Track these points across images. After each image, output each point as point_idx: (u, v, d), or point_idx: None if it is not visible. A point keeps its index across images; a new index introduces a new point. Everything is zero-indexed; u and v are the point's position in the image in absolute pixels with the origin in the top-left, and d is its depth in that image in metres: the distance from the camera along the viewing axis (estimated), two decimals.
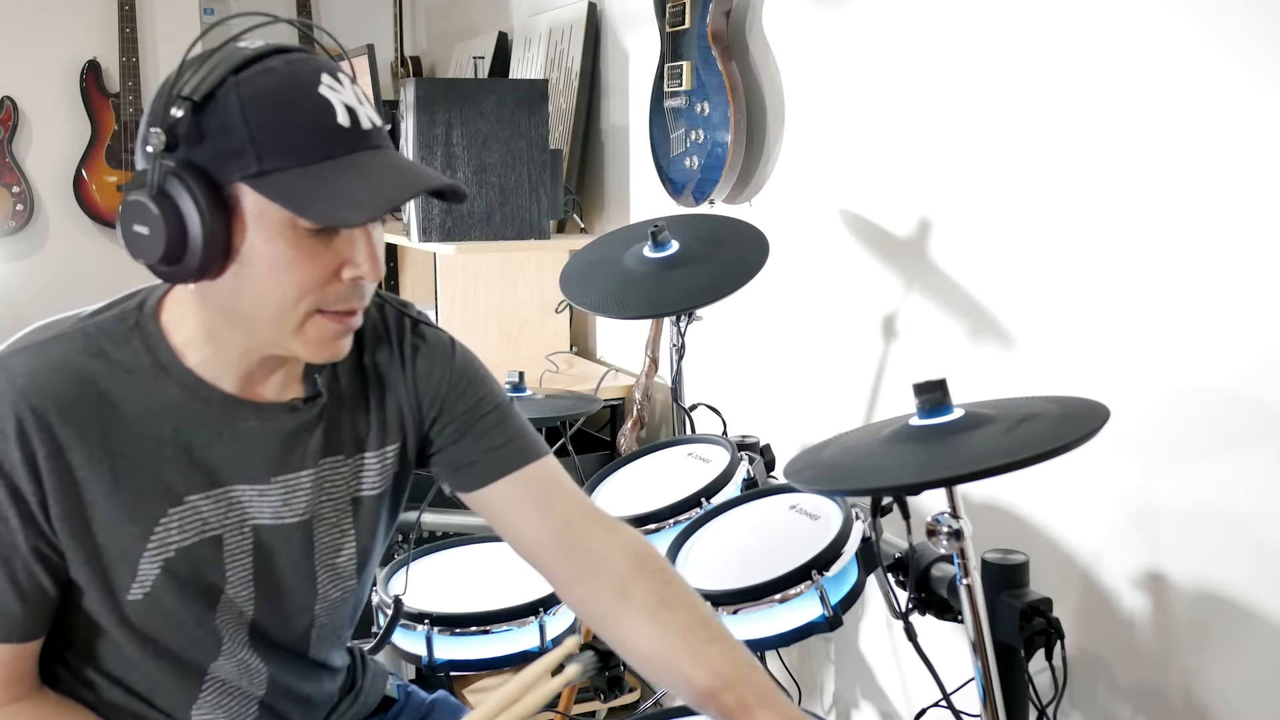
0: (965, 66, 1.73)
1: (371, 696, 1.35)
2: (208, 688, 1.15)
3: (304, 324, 1.02)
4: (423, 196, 1.05)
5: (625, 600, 1.15)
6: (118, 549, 1.06)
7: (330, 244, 1.00)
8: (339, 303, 1.03)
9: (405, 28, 4.38)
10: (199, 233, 0.96)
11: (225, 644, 1.14)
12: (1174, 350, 1.45)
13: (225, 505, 1.10)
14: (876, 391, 1.97)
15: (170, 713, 1.14)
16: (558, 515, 1.20)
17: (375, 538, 1.23)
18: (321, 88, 0.98)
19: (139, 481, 1.06)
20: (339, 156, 0.98)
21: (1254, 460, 1.37)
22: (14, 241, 4.09)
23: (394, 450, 1.20)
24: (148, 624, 1.09)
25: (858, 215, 1.98)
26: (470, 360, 1.24)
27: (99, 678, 1.13)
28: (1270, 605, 1.37)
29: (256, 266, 0.99)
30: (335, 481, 1.17)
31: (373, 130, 1.01)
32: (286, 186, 0.96)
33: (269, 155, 0.95)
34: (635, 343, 2.44)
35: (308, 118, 0.97)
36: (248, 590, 1.14)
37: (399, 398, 1.19)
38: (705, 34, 2.17)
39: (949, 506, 1.24)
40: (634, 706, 2.67)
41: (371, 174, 0.99)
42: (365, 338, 1.18)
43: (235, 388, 1.10)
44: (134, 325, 1.08)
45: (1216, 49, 1.36)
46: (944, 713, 1.44)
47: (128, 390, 1.06)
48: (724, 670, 1.09)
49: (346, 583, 1.21)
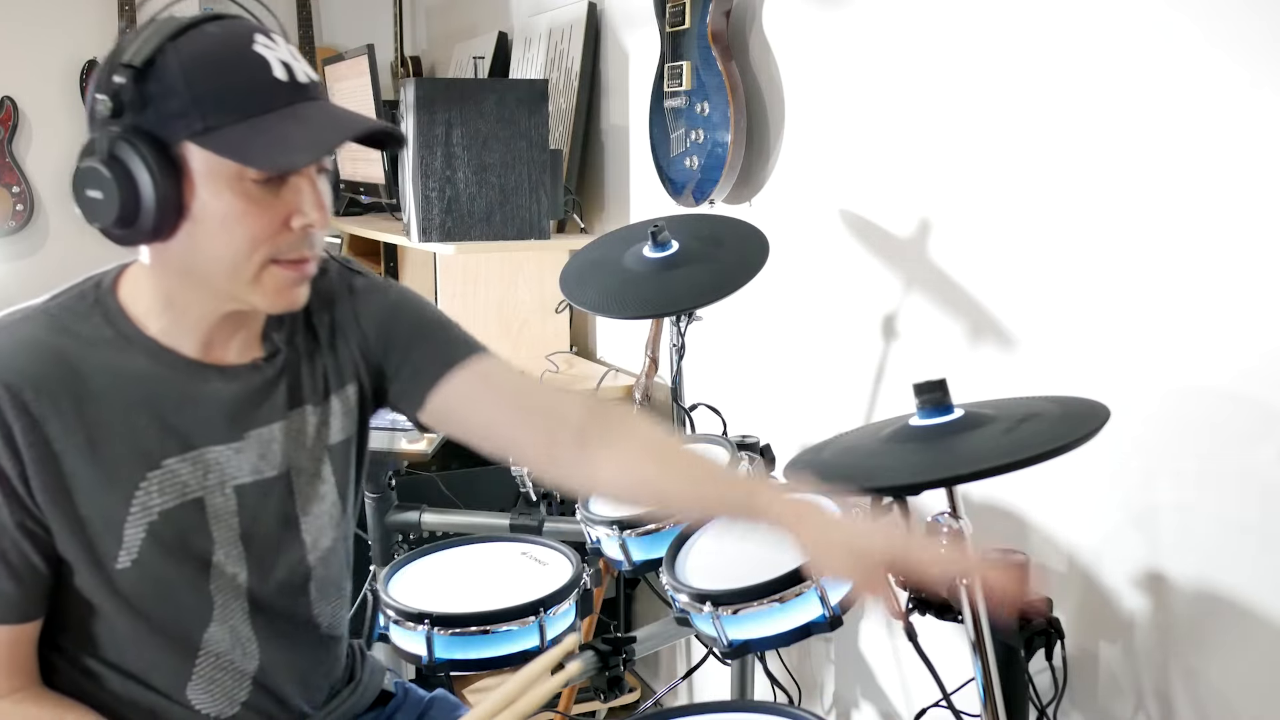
0: (965, 66, 1.73)
1: (370, 689, 1.36)
2: (201, 661, 1.16)
3: (260, 275, 1.07)
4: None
5: (585, 443, 1.19)
6: (101, 518, 1.09)
7: (278, 194, 1.05)
8: (291, 251, 1.07)
9: (405, 28, 4.38)
10: (150, 193, 1.01)
11: (217, 610, 1.16)
12: (1174, 350, 1.45)
13: (203, 468, 1.13)
14: (876, 391, 1.97)
15: (167, 693, 1.16)
16: (508, 391, 1.24)
17: (349, 480, 1.27)
18: (256, 46, 1.03)
19: (115, 449, 1.09)
20: (278, 108, 1.03)
21: (1254, 460, 1.37)
22: (14, 241, 4.09)
23: (353, 390, 1.25)
24: (139, 594, 1.11)
25: (858, 215, 1.98)
26: (406, 291, 1.30)
27: (95, 663, 1.14)
28: (1270, 605, 1.37)
29: (209, 223, 1.04)
30: (305, 431, 1.21)
31: (309, 84, 1.06)
32: (230, 140, 1.01)
33: (212, 112, 1.00)
34: (635, 343, 2.44)
35: (245, 75, 1.02)
36: (237, 550, 1.16)
37: (349, 340, 1.24)
38: (705, 34, 2.17)
39: (949, 506, 1.24)
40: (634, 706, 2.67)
41: (310, 121, 1.04)
42: (315, 294, 1.23)
43: (198, 352, 1.14)
44: (94, 302, 1.13)
45: (1216, 49, 1.36)
46: (944, 713, 1.44)
47: (95, 362, 1.09)
48: (696, 471, 1.14)
49: (334, 530, 1.24)
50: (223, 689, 1.18)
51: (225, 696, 1.18)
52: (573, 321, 2.94)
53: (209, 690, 1.17)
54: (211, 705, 1.17)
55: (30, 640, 1.11)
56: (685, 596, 1.42)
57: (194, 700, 1.16)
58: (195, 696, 1.16)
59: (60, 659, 1.14)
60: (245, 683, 1.20)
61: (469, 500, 2.33)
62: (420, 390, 1.24)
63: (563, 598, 1.63)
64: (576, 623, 1.67)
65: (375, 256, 3.61)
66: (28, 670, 1.12)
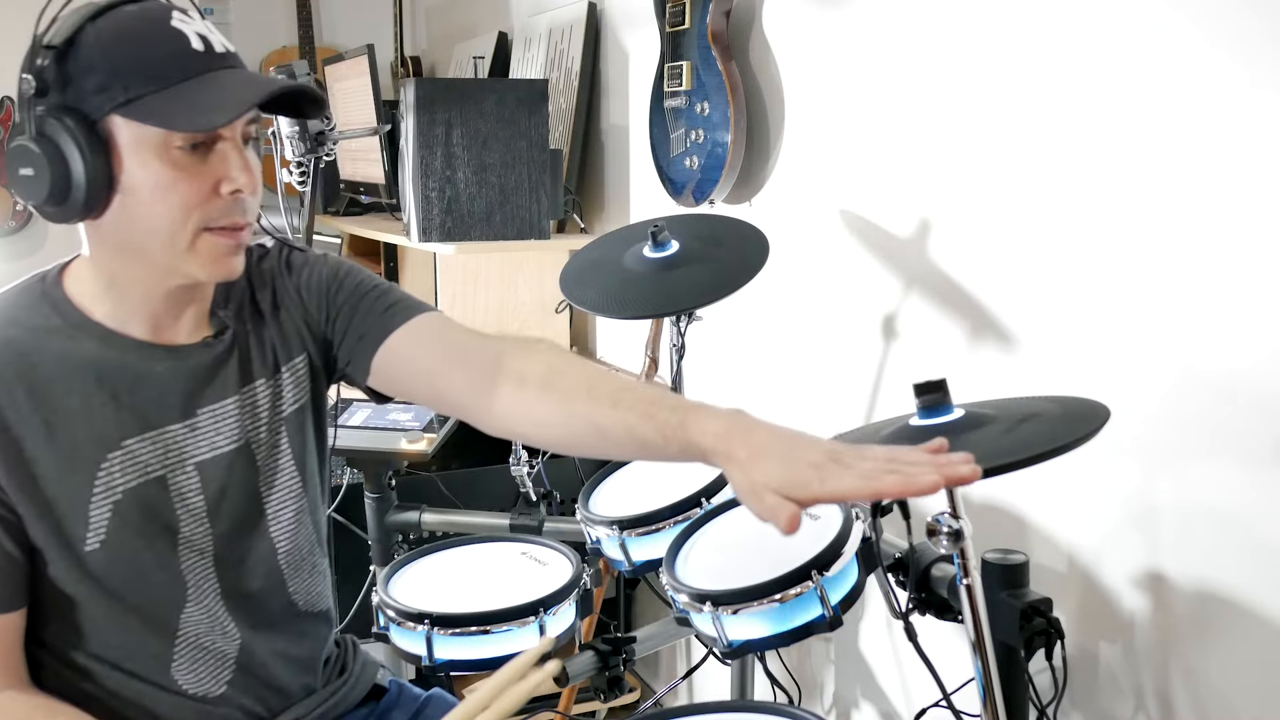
0: (965, 66, 1.73)
1: (362, 683, 1.37)
2: (181, 644, 1.18)
3: (194, 243, 1.09)
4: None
5: (523, 385, 1.16)
6: (66, 499, 1.11)
7: (206, 161, 1.08)
8: (223, 217, 1.10)
9: (405, 28, 4.38)
10: (80, 168, 1.04)
11: (191, 590, 1.17)
12: (1174, 351, 1.44)
13: (162, 447, 1.16)
14: (876, 391, 1.97)
15: (152, 679, 1.17)
16: (446, 344, 1.24)
17: (308, 451, 1.28)
18: (173, 22, 1.07)
19: (72, 432, 1.11)
20: (197, 75, 1.06)
21: (1254, 460, 1.37)
22: (14, 241, 4.09)
23: (302, 361, 1.27)
24: (111, 575, 1.13)
25: (858, 215, 1.98)
26: (345, 262, 1.32)
27: (80, 656, 1.15)
28: (1270, 605, 1.37)
29: (139, 193, 1.06)
30: (260, 405, 1.23)
31: (226, 53, 1.09)
32: (153, 107, 1.04)
33: (133, 84, 1.04)
34: (635, 343, 2.44)
35: (163, 47, 1.05)
36: (202, 526, 1.18)
37: (293, 313, 1.26)
38: (705, 34, 2.17)
39: (949, 506, 1.24)
40: (634, 706, 2.67)
41: (229, 85, 1.07)
42: (258, 272, 1.26)
43: (147, 334, 1.16)
44: (40, 294, 1.16)
45: (1216, 49, 1.36)
46: (944, 713, 1.44)
47: (46, 350, 1.12)
48: (627, 398, 1.08)
49: (296, 501, 1.26)
50: (207, 669, 1.20)
51: (211, 676, 1.20)
52: (573, 321, 2.94)
53: (193, 670, 1.19)
54: (197, 685, 1.19)
55: (15, 632, 1.13)
56: (685, 596, 1.42)
57: (179, 681, 1.18)
58: (180, 677, 1.18)
59: (46, 655, 1.15)
60: (229, 664, 1.21)
61: (469, 500, 2.32)
62: (365, 356, 1.25)
63: (563, 598, 1.64)
64: (576, 623, 1.67)
65: (375, 256, 3.61)
66: (13, 668, 1.13)
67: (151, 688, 1.17)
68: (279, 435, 1.25)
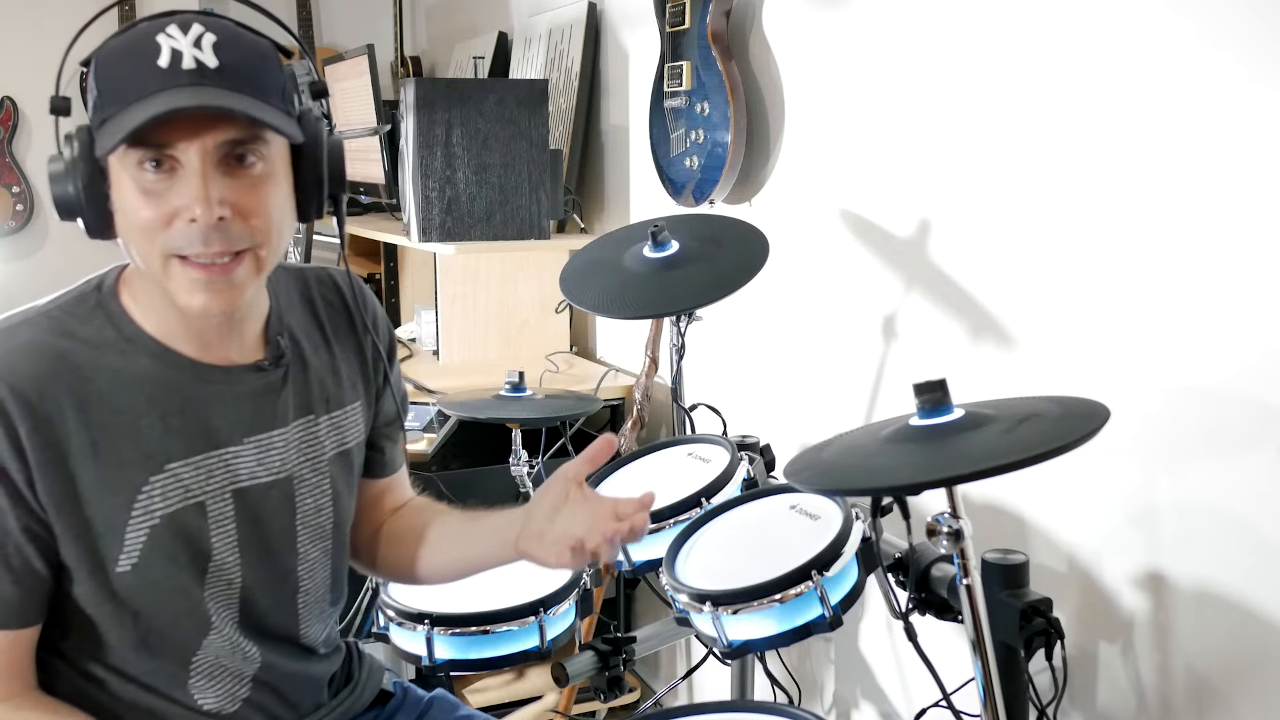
0: (965, 66, 1.73)
1: (368, 690, 1.37)
2: (199, 664, 1.16)
3: (166, 270, 1.06)
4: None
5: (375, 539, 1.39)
6: (103, 520, 1.08)
7: (171, 186, 1.04)
8: (186, 246, 1.05)
9: (405, 28, 4.38)
10: (81, 188, 1.05)
11: (214, 621, 1.16)
12: (1174, 350, 1.44)
13: (205, 471, 1.13)
14: (876, 391, 1.97)
15: (168, 694, 1.16)
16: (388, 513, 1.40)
17: (350, 493, 1.29)
18: (160, 35, 1.03)
19: (119, 452, 1.08)
20: (152, 94, 1.01)
21: (1254, 460, 1.37)
22: (14, 241, 4.09)
23: (357, 407, 1.28)
24: (137, 597, 1.11)
25: (858, 215, 1.98)
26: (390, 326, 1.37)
27: (96, 667, 1.14)
28: (1270, 605, 1.37)
29: (121, 215, 1.06)
30: (311, 442, 1.21)
31: (195, 69, 1.03)
32: (111, 125, 1.02)
33: (106, 105, 1.04)
34: (635, 343, 2.44)
35: (134, 66, 1.03)
36: (234, 556, 1.16)
37: (356, 347, 1.27)
38: (705, 34, 2.17)
39: (949, 506, 1.24)
40: (634, 706, 2.67)
41: (174, 97, 1.01)
42: (318, 300, 1.26)
43: (196, 351, 1.13)
44: (95, 305, 1.13)
45: (1216, 48, 1.36)
46: (944, 713, 1.44)
47: (99, 364, 1.09)
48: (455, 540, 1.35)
49: (324, 541, 1.25)
50: (224, 687, 1.19)
51: (227, 694, 1.19)
52: (573, 321, 2.94)
53: (210, 687, 1.18)
54: (213, 702, 1.18)
55: (29, 645, 1.11)
56: (685, 596, 1.42)
57: (196, 697, 1.17)
58: (197, 694, 1.17)
59: (61, 663, 1.14)
60: (245, 682, 1.20)
61: (469, 500, 2.32)
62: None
63: (563, 598, 1.63)
64: (576, 623, 1.67)
65: (375, 256, 3.61)
66: (24, 677, 1.11)
67: (166, 702, 1.16)
68: (324, 475, 1.23)
